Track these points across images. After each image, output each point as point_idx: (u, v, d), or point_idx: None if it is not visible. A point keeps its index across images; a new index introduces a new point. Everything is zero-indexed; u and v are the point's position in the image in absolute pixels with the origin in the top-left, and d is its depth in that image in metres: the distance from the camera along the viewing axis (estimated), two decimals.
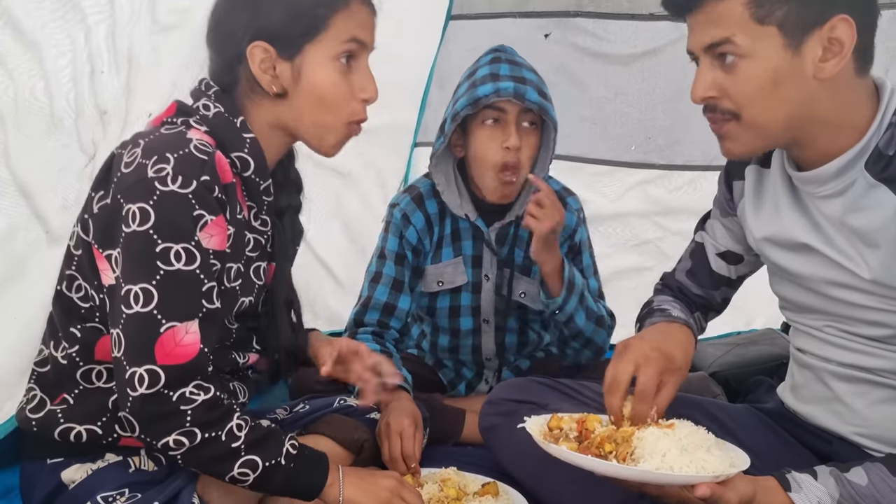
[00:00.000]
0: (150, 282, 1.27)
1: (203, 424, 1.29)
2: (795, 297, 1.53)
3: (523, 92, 1.94)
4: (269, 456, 1.35)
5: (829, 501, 1.29)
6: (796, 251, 1.48)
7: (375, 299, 2.12)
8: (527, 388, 1.83)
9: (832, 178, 1.39)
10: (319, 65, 1.39)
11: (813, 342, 1.53)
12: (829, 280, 1.44)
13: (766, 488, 1.31)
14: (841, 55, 1.29)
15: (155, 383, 1.26)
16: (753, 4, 1.28)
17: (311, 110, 1.42)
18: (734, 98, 1.34)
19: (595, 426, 1.39)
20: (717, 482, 1.24)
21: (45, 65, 1.63)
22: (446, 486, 1.67)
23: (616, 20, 2.85)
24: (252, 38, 1.37)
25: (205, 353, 1.31)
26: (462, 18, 2.93)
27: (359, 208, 2.83)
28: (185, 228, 1.29)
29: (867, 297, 1.40)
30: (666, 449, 1.27)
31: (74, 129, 1.72)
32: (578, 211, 2.18)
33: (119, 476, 1.41)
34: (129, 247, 1.28)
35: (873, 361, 1.43)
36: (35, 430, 1.43)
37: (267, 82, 1.39)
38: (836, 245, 1.41)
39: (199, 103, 1.42)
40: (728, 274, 1.73)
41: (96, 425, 1.42)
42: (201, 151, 1.32)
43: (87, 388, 1.42)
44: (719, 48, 1.32)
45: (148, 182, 1.28)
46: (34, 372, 1.47)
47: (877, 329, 1.41)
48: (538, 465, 1.70)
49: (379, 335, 2.10)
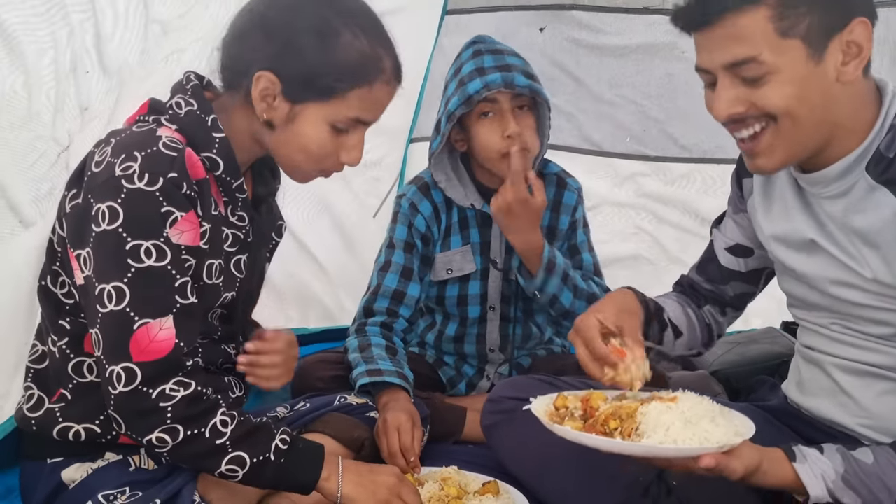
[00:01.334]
0: (122, 280, 1.27)
1: (184, 420, 1.29)
2: (803, 296, 1.53)
3: (511, 80, 1.96)
4: (258, 452, 1.34)
5: (833, 476, 1.30)
6: (803, 250, 1.48)
7: (385, 286, 2.12)
8: (528, 386, 1.81)
9: (835, 180, 1.39)
10: (315, 122, 1.38)
11: (820, 339, 1.53)
12: (834, 279, 1.44)
13: (771, 458, 1.32)
14: (861, 57, 1.29)
15: (132, 381, 1.27)
16: (777, 18, 1.26)
17: (289, 150, 1.41)
18: (764, 108, 1.31)
19: (599, 404, 1.38)
20: (722, 452, 1.24)
21: (26, 60, 1.62)
22: (447, 485, 1.67)
23: (611, 13, 2.85)
24: (265, 67, 1.35)
25: (181, 348, 1.30)
26: (458, 13, 2.93)
27: (352, 204, 2.82)
28: (154, 225, 1.29)
29: (870, 296, 1.40)
30: (670, 422, 1.26)
31: (51, 123, 1.72)
32: (578, 190, 2.21)
33: (119, 475, 1.41)
34: (99, 246, 1.28)
35: (879, 358, 1.43)
36: (34, 430, 1.43)
37: (261, 110, 1.38)
38: (839, 244, 1.41)
39: (173, 101, 1.41)
40: (738, 268, 1.71)
41: (94, 423, 1.42)
42: (170, 148, 1.31)
43: (80, 382, 1.42)
44: (742, 67, 1.29)
45: (115, 180, 1.27)
46: (30, 370, 1.47)
47: (881, 327, 1.41)
48: (539, 464, 1.72)
49: (387, 327, 2.10)
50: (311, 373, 2.08)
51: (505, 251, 2.15)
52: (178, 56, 1.84)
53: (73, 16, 1.65)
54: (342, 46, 1.34)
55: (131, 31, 1.77)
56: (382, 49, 1.39)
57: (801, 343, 1.61)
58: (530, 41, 2.88)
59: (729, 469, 1.26)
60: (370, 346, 2.03)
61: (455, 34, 2.90)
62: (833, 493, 1.31)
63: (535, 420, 1.71)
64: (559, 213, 2.18)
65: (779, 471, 1.32)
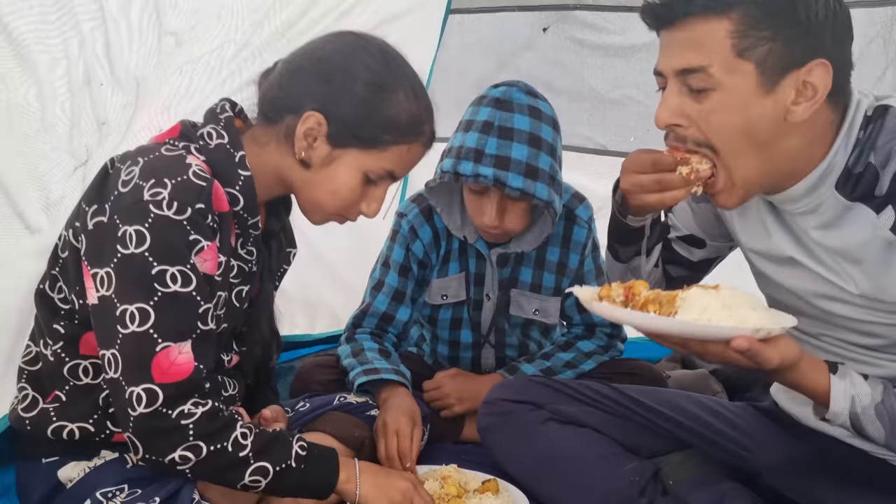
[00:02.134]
0: (147, 302, 1.28)
1: (206, 436, 1.30)
2: (787, 303, 1.50)
3: (504, 179, 1.84)
4: (279, 460, 1.36)
5: (868, 401, 1.28)
6: (784, 265, 1.46)
7: (375, 307, 2.13)
8: (524, 388, 1.83)
9: (803, 197, 1.36)
10: (350, 168, 1.43)
11: (807, 348, 1.47)
12: (819, 293, 1.42)
13: (812, 362, 1.30)
14: (814, 100, 1.25)
15: (153, 402, 1.27)
16: (737, 34, 1.23)
17: (317, 191, 1.45)
18: (703, 129, 1.28)
19: (641, 290, 1.33)
20: (758, 338, 1.20)
21: (38, 70, 1.60)
22: (447, 484, 1.67)
23: (615, 12, 2.82)
24: (316, 108, 1.40)
25: (200, 371, 1.32)
26: (461, 12, 2.91)
27: None
28: (181, 252, 1.31)
29: (858, 310, 1.38)
30: (706, 304, 1.22)
31: (67, 136, 1.71)
32: (589, 221, 2.13)
33: (117, 472, 1.41)
34: (124, 268, 1.29)
35: (869, 370, 1.40)
36: (28, 430, 1.43)
37: (301, 148, 1.42)
38: (820, 260, 1.39)
39: (204, 129, 1.43)
40: (688, 256, 1.69)
41: (88, 423, 1.42)
42: (199, 178, 1.33)
43: (76, 384, 1.42)
44: (691, 76, 1.26)
45: (144, 205, 1.28)
46: (24, 371, 1.47)
47: (871, 339, 1.40)
48: (535, 465, 1.73)
49: (377, 335, 2.11)
50: (310, 376, 2.08)
51: (499, 287, 2.12)
52: (192, 67, 1.82)
53: (84, 24, 1.64)
54: (394, 103, 1.41)
55: (144, 42, 1.77)
56: (426, 115, 1.47)
57: None
58: (534, 41, 2.87)
59: (763, 356, 1.21)
60: (363, 350, 2.03)
61: (458, 34, 2.89)
62: (860, 417, 1.29)
63: (532, 422, 1.75)
64: (569, 250, 2.13)
65: (815, 375, 1.29)
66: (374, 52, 1.42)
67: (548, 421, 1.75)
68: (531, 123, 1.89)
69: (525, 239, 2.05)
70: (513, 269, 2.12)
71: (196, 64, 1.83)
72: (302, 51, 1.47)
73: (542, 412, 1.76)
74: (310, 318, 2.70)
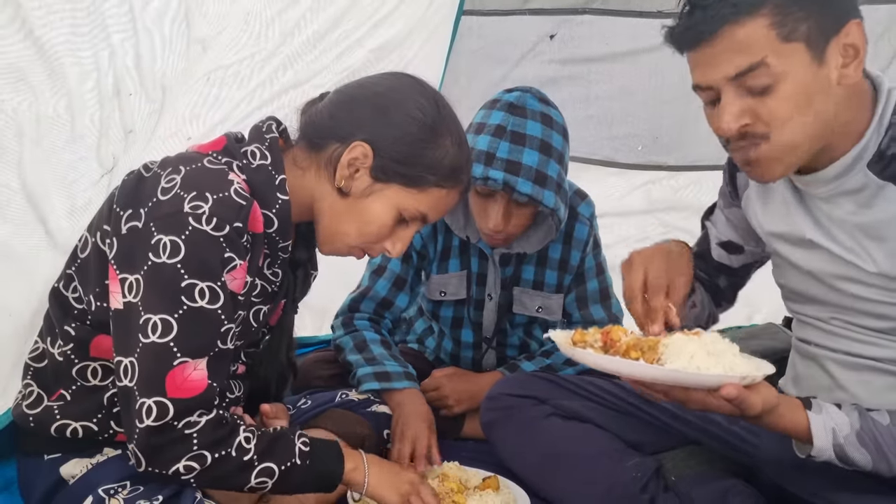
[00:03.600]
0: (172, 314, 1.27)
1: (211, 445, 1.29)
2: (801, 288, 1.54)
3: (514, 184, 1.85)
4: (284, 459, 1.36)
5: (847, 430, 1.32)
6: (803, 246, 1.49)
7: (375, 291, 2.13)
8: (527, 383, 1.84)
9: (832, 181, 1.39)
10: (387, 204, 1.43)
11: (817, 333, 1.54)
12: (835, 274, 1.45)
13: (789, 402, 1.33)
14: (858, 59, 1.29)
15: (163, 415, 1.26)
16: (777, 24, 1.25)
17: (346, 221, 1.45)
18: (768, 121, 1.30)
19: (620, 336, 1.36)
20: (743, 385, 1.23)
21: (69, 83, 1.60)
22: (447, 481, 1.67)
23: (624, 17, 2.83)
24: (364, 139, 1.40)
25: (213, 389, 1.31)
26: (473, 14, 2.90)
27: None
28: (213, 269, 1.30)
29: (873, 290, 1.40)
30: (693, 352, 1.25)
31: (95, 146, 1.71)
32: (591, 217, 2.14)
33: (120, 469, 1.40)
34: (154, 277, 1.28)
35: (878, 351, 1.44)
36: (31, 426, 1.43)
37: (341, 176, 1.42)
38: (839, 241, 1.42)
39: (248, 148, 1.43)
40: (729, 263, 1.73)
41: (92, 422, 1.42)
42: (241, 196, 1.33)
43: (83, 385, 1.42)
44: (750, 75, 1.27)
45: (183, 216, 1.28)
46: (30, 367, 1.47)
47: (882, 321, 1.42)
48: (538, 460, 1.74)
49: (376, 322, 2.12)
50: (310, 372, 2.08)
51: (501, 286, 2.13)
52: (221, 73, 1.81)
53: (114, 36, 1.64)
54: (441, 147, 1.43)
55: (174, 50, 1.76)
56: (467, 165, 1.50)
57: (797, 337, 1.62)
58: (541, 47, 2.87)
59: (747, 403, 1.25)
60: (367, 345, 2.03)
61: (468, 37, 2.89)
62: (844, 448, 1.32)
63: (534, 417, 1.76)
64: (570, 247, 2.13)
65: (793, 415, 1.33)
66: (429, 96, 1.44)
67: (550, 416, 1.76)
68: (543, 130, 1.90)
69: (529, 241, 2.06)
70: (515, 268, 2.13)
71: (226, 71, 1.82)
72: (357, 84, 1.48)
73: (544, 407, 1.77)
74: (318, 319, 2.70)
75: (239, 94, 1.84)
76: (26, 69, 1.55)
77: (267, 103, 1.72)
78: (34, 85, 1.57)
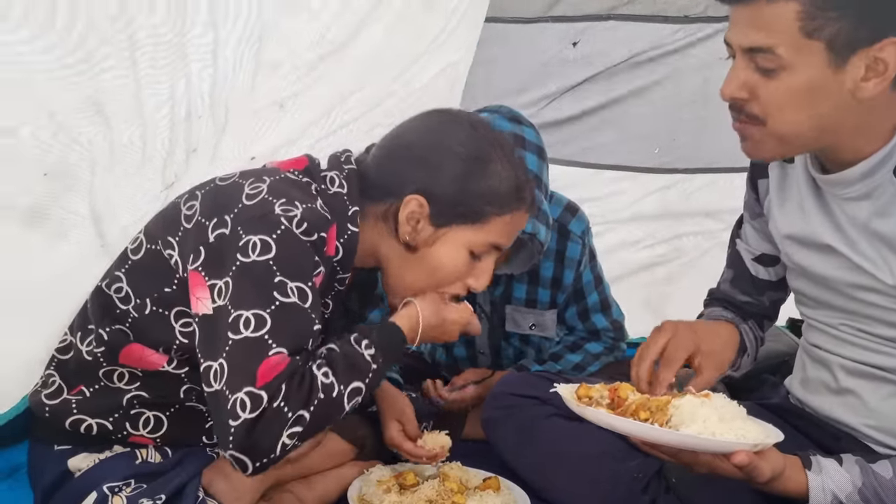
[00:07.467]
0: (265, 309, 1.24)
1: (303, 403, 1.23)
2: (814, 294, 1.53)
3: None
4: (363, 372, 1.32)
5: (849, 488, 1.31)
6: (819, 251, 1.48)
7: None
8: (530, 382, 1.84)
9: (857, 181, 1.38)
10: (455, 246, 1.43)
11: (827, 339, 1.54)
12: (850, 283, 1.44)
13: (793, 464, 1.34)
14: (884, 76, 1.27)
15: (257, 406, 1.20)
16: (805, 16, 1.24)
17: (415, 271, 1.44)
18: (764, 104, 1.31)
19: (628, 394, 1.37)
20: (754, 451, 1.25)
21: (144, 111, 1.60)
22: (447, 481, 1.66)
23: (648, 23, 2.81)
24: (415, 190, 1.40)
25: (296, 362, 1.26)
26: (496, 21, 2.89)
27: None
28: (304, 269, 1.30)
29: (889, 300, 1.40)
30: (706, 416, 1.26)
31: (162, 167, 1.73)
32: (583, 233, 2.10)
33: (126, 466, 1.41)
34: (243, 275, 1.25)
35: (888, 360, 1.44)
36: (47, 416, 1.43)
37: (405, 231, 1.41)
38: (858, 248, 1.41)
39: (328, 174, 1.42)
40: (768, 277, 1.71)
41: (108, 420, 1.42)
42: (326, 212, 1.35)
43: (107, 385, 1.42)
44: (759, 55, 1.28)
45: (274, 217, 1.27)
46: (54, 358, 1.46)
47: (892, 330, 1.42)
48: (539, 459, 1.75)
49: None
50: None
51: (491, 305, 2.10)
52: (289, 97, 1.81)
53: (193, 65, 1.63)
54: (492, 173, 1.41)
55: (243, 69, 1.75)
56: (524, 180, 1.45)
57: (808, 341, 1.62)
58: (564, 53, 2.88)
59: (758, 470, 1.25)
60: None
61: (489, 44, 2.89)
62: None
63: (536, 416, 1.76)
64: (563, 266, 2.10)
65: (797, 477, 1.33)
66: (463, 125, 1.43)
67: (552, 416, 1.76)
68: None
69: (511, 264, 2.01)
70: (505, 287, 2.11)
71: (294, 95, 1.81)
72: (392, 135, 1.47)
73: (547, 407, 1.76)
74: None
75: (305, 117, 1.84)
76: (103, 101, 1.55)
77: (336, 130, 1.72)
78: (108, 116, 1.57)
